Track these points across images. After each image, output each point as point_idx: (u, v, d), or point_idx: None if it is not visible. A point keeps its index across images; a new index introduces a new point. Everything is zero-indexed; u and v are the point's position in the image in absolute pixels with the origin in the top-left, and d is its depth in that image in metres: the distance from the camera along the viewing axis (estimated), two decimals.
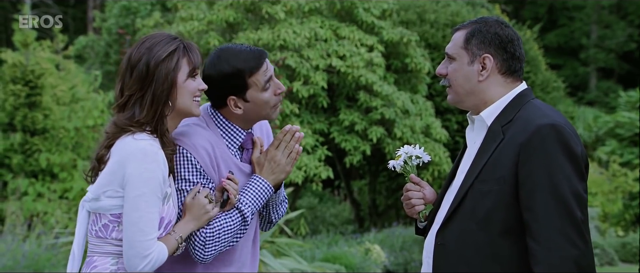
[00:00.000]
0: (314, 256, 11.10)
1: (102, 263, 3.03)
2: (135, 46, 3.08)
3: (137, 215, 2.95)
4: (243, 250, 3.31)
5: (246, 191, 3.23)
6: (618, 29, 33.08)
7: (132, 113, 3.02)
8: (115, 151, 3.01)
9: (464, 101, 3.11)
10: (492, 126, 3.02)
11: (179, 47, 3.06)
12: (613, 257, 14.71)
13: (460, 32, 3.11)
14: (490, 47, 3.04)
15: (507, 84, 3.07)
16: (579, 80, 33.89)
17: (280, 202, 3.42)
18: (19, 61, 13.64)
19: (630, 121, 20.16)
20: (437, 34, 16.85)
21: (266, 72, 3.24)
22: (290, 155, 3.30)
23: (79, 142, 13.48)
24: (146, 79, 3.01)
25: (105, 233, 3.03)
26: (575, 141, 2.89)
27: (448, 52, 3.12)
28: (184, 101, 3.06)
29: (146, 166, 2.95)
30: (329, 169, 13.12)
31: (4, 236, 9.79)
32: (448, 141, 15.08)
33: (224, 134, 3.27)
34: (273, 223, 3.47)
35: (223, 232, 3.15)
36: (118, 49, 21.25)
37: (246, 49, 3.23)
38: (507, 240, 2.91)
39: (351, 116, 13.62)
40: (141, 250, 2.95)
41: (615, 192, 17.44)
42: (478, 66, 3.05)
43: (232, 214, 3.18)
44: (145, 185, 2.95)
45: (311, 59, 13.34)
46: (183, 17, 14.35)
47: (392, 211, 16.87)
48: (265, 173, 3.27)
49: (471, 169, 3.01)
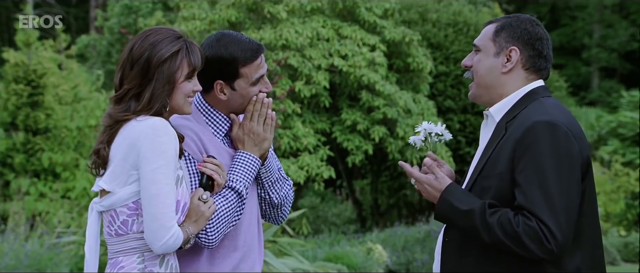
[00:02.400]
0: (316, 256, 11.11)
1: (128, 263, 2.98)
2: (139, 37, 3.04)
3: (156, 187, 2.91)
4: (247, 235, 3.31)
5: (234, 167, 3.24)
6: (620, 29, 33.05)
7: (128, 106, 2.99)
8: (123, 137, 2.98)
9: (482, 95, 3.10)
10: (499, 123, 3.03)
11: (182, 48, 3.03)
12: (615, 256, 14.71)
13: (491, 25, 3.12)
14: (518, 42, 3.04)
15: (527, 81, 3.06)
16: (581, 80, 33.87)
17: (276, 180, 3.40)
18: (22, 60, 13.65)
19: (633, 121, 20.15)
20: (439, 34, 16.84)
21: (259, 67, 3.25)
22: (265, 122, 3.30)
23: (81, 141, 13.49)
24: (147, 75, 2.98)
25: (126, 228, 2.99)
26: (570, 139, 2.86)
27: (475, 44, 3.12)
28: (177, 100, 3.04)
29: (158, 140, 2.91)
30: (331, 168, 13.12)
31: (6, 235, 9.80)
32: (450, 140, 15.09)
33: (208, 122, 3.28)
34: (277, 206, 3.44)
35: (222, 214, 3.16)
36: (120, 48, 21.26)
37: (246, 40, 3.25)
38: None
39: (353, 116, 13.63)
40: (164, 222, 2.91)
41: (617, 192, 17.44)
42: (503, 59, 3.04)
43: (226, 194, 3.20)
44: (161, 157, 2.91)
45: (313, 58, 13.34)
46: (185, 16, 14.35)
47: (394, 211, 16.87)
48: (247, 146, 3.28)
49: (477, 166, 3.02)
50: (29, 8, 19.32)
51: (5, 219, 12.08)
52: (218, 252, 3.25)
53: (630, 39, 32.78)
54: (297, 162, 12.90)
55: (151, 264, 3.00)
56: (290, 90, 12.96)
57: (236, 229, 3.28)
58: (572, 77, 32.55)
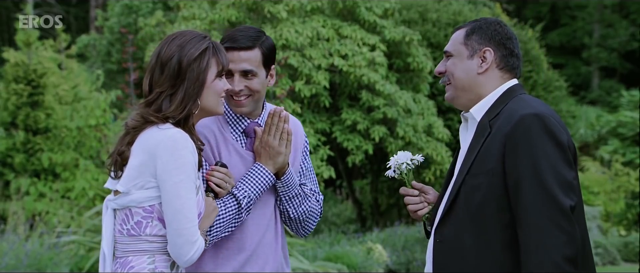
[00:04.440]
0: (316, 255, 11.11)
1: (138, 263, 2.99)
2: (165, 42, 3.08)
3: (180, 202, 2.92)
4: (254, 238, 3.32)
5: (244, 178, 3.28)
6: (620, 28, 33.04)
7: (159, 107, 3.02)
8: (140, 142, 2.99)
9: (460, 97, 3.14)
10: (481, 121, 3.06)
11: (209, 47, 3.07)
12: (615, 256, 14.71)
13: (460, 31, 3.17)
14: (490, 43, 3.10)
15: (503, 80, 3.11)
16: (581, 79, 33.86)
17: (294, 196, 3.42)
18: (22, 60, 13.65)
19: (633, 121, 20.15)
20: (439, 33, 16.84)
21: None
22: (281, 136, 3.32)
23: (81, 141, 13.48)
24: (178, 77, 3.01)
25: (139, 230, 3.00)
26: (559, 129, 2.90)
27: (446, 50, 3.18)
28: (210, 100, 3.08)
29: (179, 153, 2.94)
30: (331, 168, 13.12)
31: (6, 235, 9.80)
32: (450, 140, 15.07)
33: (228, 120, 3.35)
34: (295, 220, 3.45)
35: (218, 218, 3.20)
36: (120, 48, 21.25)
37: None
38: (500, 232, 2.92)
39: (353, 116, 13.63)
40: (189, 237, 2.93)
41: (617, 191, 17.45)
42: (478, 60, 3.10)
43: (227, 201, 3.23)
44: (181, 171, 2.93)
45: (313, 58, 13.34)
46: (185, 16, 14.35)
47: (394, 211, 16.87)
48: (263, 159, 3.32)
49: (463, 165, 3.04)
50: (29, 8, 19.33)
51: (5, 219, 12.08)
52: (221, 253, 3.28)
53: (630, 39, 32.77)
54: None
55: (162, 265, 3.02)
56: (290, 90, 12.96)
57: (242, 231, 3.30)
58: (572, 76, 32.53)
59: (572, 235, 2.80)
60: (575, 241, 2.80)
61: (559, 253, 2.78)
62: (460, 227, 2.98)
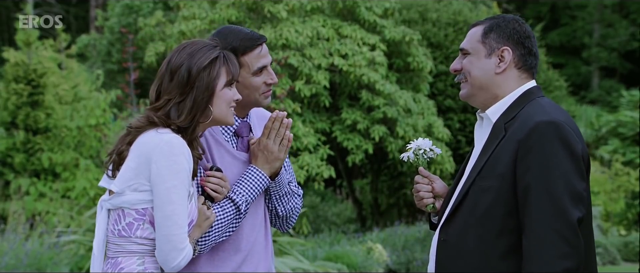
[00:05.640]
0: (316, 255, 11.10)
1: (128, 264, 3.00)
2: (175, 51, 3.08)
3: (171, 208, 2.93)
4: (250, 237, 3.32)
5: (240, 181, 3.25)
6: (620, 28, 33.03)
7: (167, 113, 3.02)
8: (138, 145, 3.00)
9: (476, 96, 3.08)
10: (496, 123, 3.02)
11: (220, 56, 3.07)
12: (615, 256, 14.71)
13: (477, 28, 3.10)
14: (508, 41, 3.04)
15: (521, 80, 3.06)
16: (581, 79, 33.85)
17: (284, 194, 3.42)
18: (22, 60, 13.65)
19: (633, 120, 20.14)
20: (439, 33, 16.85)
21: (260, 56, 3.26)
22: (281, 142, 3.30)
23: (81, 141, 13.49)
24: (187, 85, 3.01)
25: (130, 231, 3.00)
26: (574, 139, 2.86)
27: (463, 48, 3.11)
28: (221, 109, 3.07)
29: (174, 159, 2.94)
30: (331, 168, 13.13)
31: (6, 235, 9.80)
32: (450, 140, 15.08)
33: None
34: (282, 218, 3.46)
35: (217, 224, 3.18)
36: (120, 47, 21.25)
37: (246, 31, 3.27)
38: (505, 236, 2.90)
39: (353, 115, 13.63)
40: (177, 243, 2.94)
41: (617, 191, 17.45)
42: (496, 59, 3.04)
43: (225, 205, 3.21)
44: (175, 177, 2.93)
45: (313, 58, 13.34)
46: (185, 16, 14.36)
47: (394, 210, 16.87)
48: (259, 162, 3.29)
49: (475, 166, 3.01)
50: (29, 8, 19.33)
51: (5, 219, 12.08)
52: (218, 255, 3.26)
53: (630, 39, 32.77)
54: (297, 161, 12.91)
55: (151, 267, 3.02)
56: (290, 89, 12.97)
57: (238, 233, 3.30)
58: (572, 76, 32.53)
59: (576, 248, 2.78)
60: (578, 254, 2.78)
61: (560, 266, 2.76)
62: (465, 228, 2.96)
